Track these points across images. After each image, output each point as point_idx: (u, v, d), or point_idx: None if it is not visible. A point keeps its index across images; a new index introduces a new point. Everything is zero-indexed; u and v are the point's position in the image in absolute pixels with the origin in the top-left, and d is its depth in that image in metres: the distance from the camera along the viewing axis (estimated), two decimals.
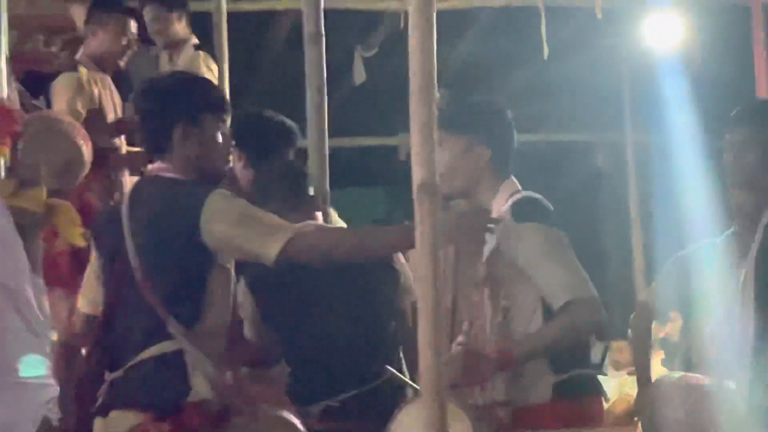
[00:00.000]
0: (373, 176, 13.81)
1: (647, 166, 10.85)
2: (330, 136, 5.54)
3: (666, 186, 8.48)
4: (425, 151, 3.71)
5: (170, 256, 4.12)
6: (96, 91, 6.86)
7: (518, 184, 4.64)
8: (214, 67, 7.55)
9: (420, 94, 3.73)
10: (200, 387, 4.03)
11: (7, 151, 3.49)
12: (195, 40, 7.72)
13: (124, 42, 7.05)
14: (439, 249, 3.71)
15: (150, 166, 4.30)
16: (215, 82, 7.49)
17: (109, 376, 4.02)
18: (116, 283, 4.05)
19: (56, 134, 5.37)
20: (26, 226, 3.52)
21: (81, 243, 3.70)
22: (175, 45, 7.66)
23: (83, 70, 6.84)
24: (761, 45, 9.40)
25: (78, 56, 6.99)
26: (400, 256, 5.95)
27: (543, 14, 9.26)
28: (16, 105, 6.33)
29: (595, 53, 10.67)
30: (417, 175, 3.73)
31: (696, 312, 5.79)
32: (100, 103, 6.87)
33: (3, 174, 3.49)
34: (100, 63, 7.00)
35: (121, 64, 7.16)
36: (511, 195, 4.58)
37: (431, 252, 3.70)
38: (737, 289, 5.40)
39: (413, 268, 5.04)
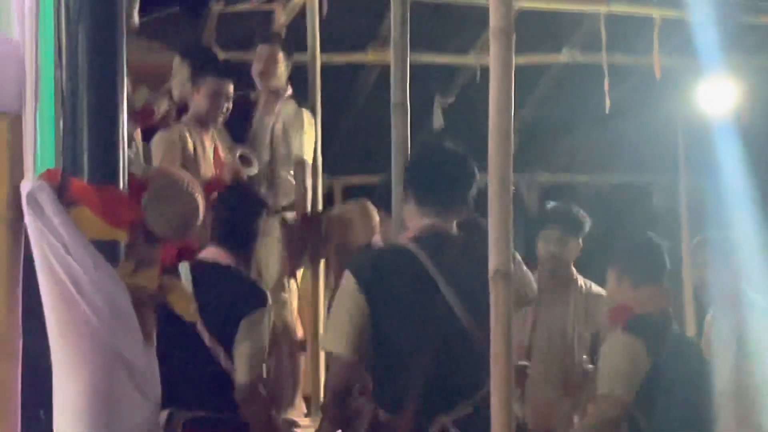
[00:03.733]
0: None
1: (698, 206, 10.77)
2: None
3: (715, 225, 8.40)
4: (502, 241, 3.73)
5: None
6: (190, 143, 6.92)
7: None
8: (313, 122, 7.58)
9: (498, 191, 3.74)
10: None
11: (125, 235, 3.52)
12: (290, 91, 7.71)
13: (220, 103, 7.10)
14: (511, 330, 3.74)
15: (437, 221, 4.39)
16: (314, 135, 7.54)
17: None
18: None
19: (177, 190, 5.43)
20: (141, 301, 3.55)
21: (191, 319, 3.75)
22: (276, 90, 7.64)
23: (178, 126, 6.91)
24: None
25: (184, 116, 7.08)
26: None
27: (606, 71, 9.24)
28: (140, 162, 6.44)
29: (652, 107, 10.64)
30: (493, 261, 3.75)
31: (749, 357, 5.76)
32: (195, 154, 6.93)
33: (122, 257, 3.51)
34: (199, 120, 7.06)
35: (219, 121, 7.21)
36: None
37: (505, 332, 3.71)
38: None
39: None
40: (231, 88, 7.23)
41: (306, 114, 7.58)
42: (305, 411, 7.48)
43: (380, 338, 4.33)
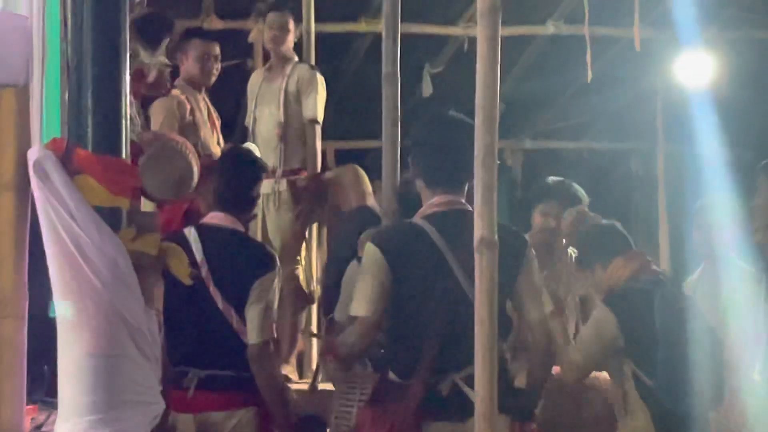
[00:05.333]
0: None
1: (675, 171, 10.81)
2: (402, 138, 5.49)
3: (691, 189, 8.43)
4: (486, 210, 3.75)
5: (508, 287, 4.29)
6: (189, 108, 6.90)
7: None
8: (324, 84, 7.54)
9: (483, 161, 3.75)
10: None
11: (128, 203, 3.53)
12: (296, 58, 7.66)
13: (209, 65, 7.08)
14: (496, 297, 3.75)
15: (447, 198, 4.41)
16: (325, 97, 7.50)
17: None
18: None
19: (171, 152, 5.42)
20: (143, 266, 3.57)
21: (188, 282, 3.78)
22: (283, 57, 7.58)
23: (176, 92, 6.88)
24: None
25: (177, 80, 7.05)
26: None
27: (588, 42, 9.23)
28: (137, 126, 6.42)
29: (632, 77, 10.66)
30: (478, 230, 3.76)
31: (726, 319, 5.77)
32: (194, 119, 6.91)
33: (124, 223, 3.53)
34: (192, 84, 7.04)
35: (210, 82, 7.19)
36: None
37: (490, 297, 3.73)
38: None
39: None
40: (218, 49, 7.18)
41: (319, 76, 7.53)
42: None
43: (396, 306, 4.42)
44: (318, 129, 7.38)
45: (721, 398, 5.24)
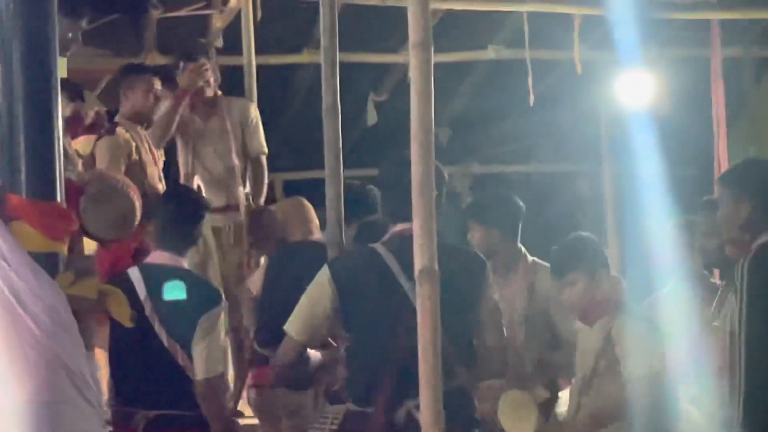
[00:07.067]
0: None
1: (622, 191, 10.86)
2: (345, 167, 5.49)
3: (636, 209, 8.48)
4: (426, 240, 3.74)
5: (470, 313, 4.47)
6: (134, 145, 6.87)
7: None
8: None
9: (421, 191, 3.74)
10: None
11: (64, 248, 3.51)
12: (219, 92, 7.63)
13: (151, 99, 7.06)
14: (438, 327, 3.74)
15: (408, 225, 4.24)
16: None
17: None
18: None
19: (113, 192, 5.39)
20: (83, 311, 3.55)
21: (129, 324, 3.76)
22: (210, 95, 7.53)
23: (121, 131, 6.84)
24: (719, 92, 9.45)
25: (117, 117, 7.01)
26: None
27: (530, 66, 9.28)
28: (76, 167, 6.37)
29: (575, 99, 10.72)
30: (418, 261, 3.75)
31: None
32: (139, 155, 6.88)
33: (61, 268, 3.50)
34: (135, 120, 7.01)
35: (154, 117, 7.17)
36: None
37: (432, 328, 3.72)
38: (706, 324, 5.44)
39: None
40: (160, 84, 7.17)
41: (254, 106, 7.55)
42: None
43: (350, 333, 4.53)
44: (265, 162, 7.39)
45: None
